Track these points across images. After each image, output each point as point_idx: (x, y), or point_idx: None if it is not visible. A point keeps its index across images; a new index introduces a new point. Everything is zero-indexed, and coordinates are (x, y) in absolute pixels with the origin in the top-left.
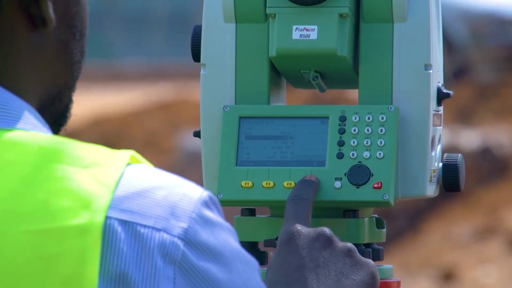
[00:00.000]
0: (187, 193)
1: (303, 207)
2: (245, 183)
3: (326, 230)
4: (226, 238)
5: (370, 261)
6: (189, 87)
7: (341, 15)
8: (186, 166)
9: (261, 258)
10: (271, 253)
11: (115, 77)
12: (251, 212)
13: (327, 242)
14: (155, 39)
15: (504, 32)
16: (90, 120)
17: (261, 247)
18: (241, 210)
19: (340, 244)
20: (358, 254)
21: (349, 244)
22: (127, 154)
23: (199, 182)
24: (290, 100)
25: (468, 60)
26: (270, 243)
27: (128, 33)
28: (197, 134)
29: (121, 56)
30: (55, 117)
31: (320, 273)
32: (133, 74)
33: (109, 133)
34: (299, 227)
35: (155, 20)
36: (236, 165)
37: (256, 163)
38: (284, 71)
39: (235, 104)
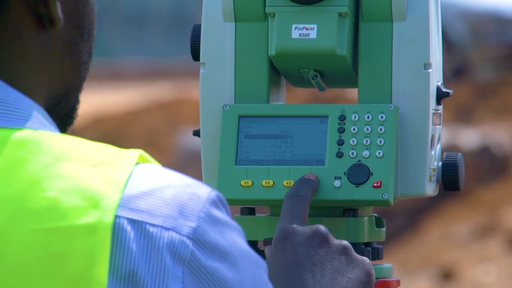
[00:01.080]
0: (195, 192)
1: (300, 204)
2: (245, 182)
3: (322, 228)
4: (234, 237)
5: (366, 259)
6: (189, 86)
7: (340, 14)
8: (186, 165)
9: (261, 257)
10: (266, 250)
11: (114, 76)
12: (251, 211)
13: (323, 240)
14: (155, 38)
15: (504, 31)
16: (90, 119)
17: (261, 246)
18: (241, 209)
19: (336, 242)
20: (353, 252)
21: (345, 242)
22: (135, 153)
23: (199, 181)
24: (289, 99)
25: (468, 59)
26: (270, 242)
27: (127, 32)
28: (196, 133)
29: (121, 55)
30: (62, 117)
31: (316, 271)
32: (132, 73)
33: (108, 132)
34: (295, 224)
35: (154, 19)
36: (236, 164)
37: (255, 162)
38: (284, 70)
39: (235, 103)
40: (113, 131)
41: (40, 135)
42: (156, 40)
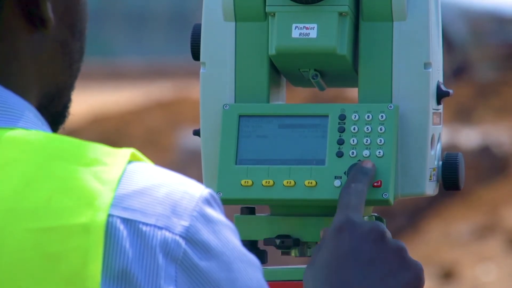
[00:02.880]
0: (188, 191)
1: (356, 197)
2: (245, 182)
3: (380, 224)
4: (228, 236)
5: (419, 263)
6: (189, 86)
7: (340, 14)
8: (186, 165)
9: (261, 256)
10: (322, 232)
11: (115, 75)
12: (251, 211)
13: (379, 237)
14: (155, 37)
15: (504, 30)
16: (90, 118)
17: (261, 245)
18: (241, 208)
19: (392, 241)
20: (408, 254)
21: (401, 243)
22: (128, 152)
23: (199, 180)
24: (289, 98)
25: (468, 58)
26: (270, 241)
27: (128, 31)
28: (196, 133)
29: (121, 54)
30: (54, 116)
31: (365, 267)
32: (133, 72)
33: (108, 131)
34: (353, 217)
35: (155, 18)
36: (236, 164)
37: (255, 161)
38: (284, 70)
39: (235, 102)
40: (113, 131)
41: (32, 135)
42: (156, 40)
